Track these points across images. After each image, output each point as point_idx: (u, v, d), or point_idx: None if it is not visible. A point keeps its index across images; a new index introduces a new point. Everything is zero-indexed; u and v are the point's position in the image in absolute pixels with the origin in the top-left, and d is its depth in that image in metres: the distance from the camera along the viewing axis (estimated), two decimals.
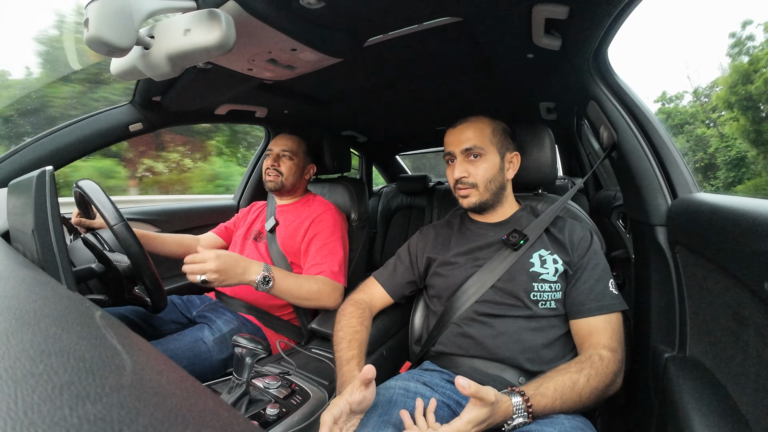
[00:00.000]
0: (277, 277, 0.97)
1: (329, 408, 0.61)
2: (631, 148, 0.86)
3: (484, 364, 0.79)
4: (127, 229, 0.84)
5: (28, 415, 0.16)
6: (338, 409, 0.60)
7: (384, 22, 0.83)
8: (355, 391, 0.61)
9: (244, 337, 0.72)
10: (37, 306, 0.33)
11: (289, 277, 1.01)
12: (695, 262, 0.70)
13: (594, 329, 0.76)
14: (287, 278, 1.00)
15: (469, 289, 0.84)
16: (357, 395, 0.61)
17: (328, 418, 0.59)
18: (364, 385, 0.61)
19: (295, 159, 1.30)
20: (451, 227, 0.98)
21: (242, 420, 0.21)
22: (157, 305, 0.92)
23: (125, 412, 0.17)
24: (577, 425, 0.65)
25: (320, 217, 1.24)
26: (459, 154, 0.89)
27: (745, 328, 0.55)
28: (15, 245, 0.75)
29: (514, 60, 1.03)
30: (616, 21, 0.74)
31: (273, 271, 0.97)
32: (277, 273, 0.98)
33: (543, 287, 0.80)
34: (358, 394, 0.61)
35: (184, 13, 0.64)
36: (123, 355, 0.24)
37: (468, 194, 0.89)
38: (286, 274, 1.01)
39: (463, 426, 0.58)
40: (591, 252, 0.83)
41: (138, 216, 1.49)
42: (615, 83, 0.90)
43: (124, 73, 0.74)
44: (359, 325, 0.84)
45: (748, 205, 0.56)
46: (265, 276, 0.94)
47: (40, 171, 0.60)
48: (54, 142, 1.12)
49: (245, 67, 0.93)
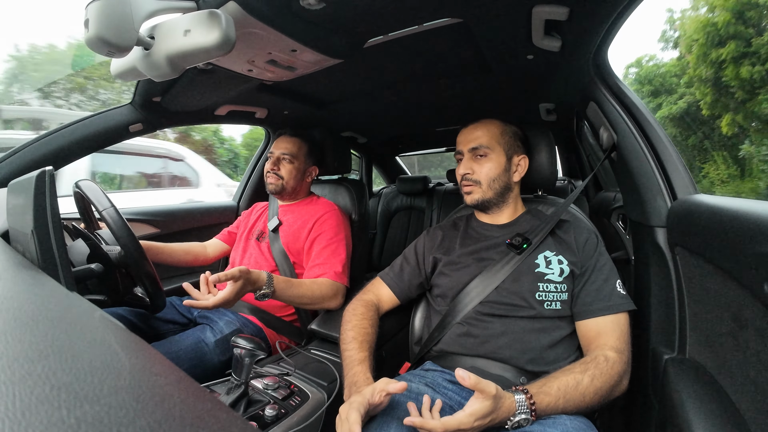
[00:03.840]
0: (279, 289, 0.96)
1: (353, 406, 0.60)
2: (630, 149, 0.86)
3: (485, 364, 0.79)
4: (117, 214, 0.85)
5: (26, 416, 0.16)
6: (363, 407, 0.61)
7: (384, 23, 0.83)
8: (376, 394, 0.63)
9: (243, 337, 0.72)
10: (36, 306, 0.33)
11: (292, 287, 1.00)
12: (695, 264, 0.70)
13: (602, 330, 0.76)
14: (290, 289, 0.99)
15: (474, 289, 0.84)
16: (376, 398, 0.62)
17: (354, 416, 0.59)
18: (386, 394, 0.62)
19: (296, 162, 1.30)
20: (458, 228, 0.99)
21: (240, 421, 0.21)
22: (156, 303, 0.92)
23: (123, 413, 0.17)
24: (579, 425, 0.65)
25: (324, 217, 1.24)
26: (466, 152, 0.92)
27: (744, 329, 0.55)
28: (14, 245, 0.75)
29: (514, 61, 1.03)
30: (616, 22, 0.74)
31: (275, 284, 0.95)
32: (279, 285, 0.96)
33: (548, 287, 0.80)
34: (377, 397, 0.62)
35: (184, 13, 0.64)
36: (121, 356, 0.24)
37: (471, 191, 0.92)
38: (289, 283, 1.00)
39: (466, 418, 0.58)
40: (598, 253, 0.83)
41: (138, 216, 1.49)
42: (615, 85, 0.91)
43: (124, 73, 0.74)
44: (370, 327, 0.87)
45: (748, 207, 0.56)
46: (264, 293, 0.93)
47: (39, 171, 0.60)
48: (54, 142, 1.12)
49: (245, 67, 0.93)
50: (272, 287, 0.95)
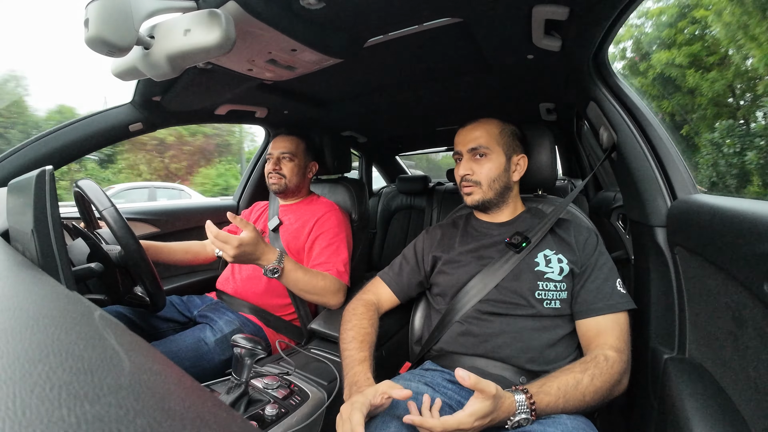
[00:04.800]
0: (287, 268, 0.97)
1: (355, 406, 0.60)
2: (630, 149, 0.86)
3: (485, 363, 0.79)
4: (117, 214, 0.85)
5: (26, 415, 0.16)
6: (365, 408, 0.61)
7: (384, 23, 0.83)
8: (378, 395, 0.63)
9: (243, 337, 0.72)
10: (36, 306, 0.33)
11: (299, 270, 1.01)
12: (695, 264, 0.70)
13: (602, 329, 0.76)
14: (297, 271, 1.00)
15: (474, 287, 0.84)
16: (378, 400, 0.62)
17: (358, 417, 0.59)
18: (387, 396, 0.62)
19: (296, 159, 1.30)
20: (457, 227, 0.99)
21: (240, 420, 0.21)
22: (156, 302, 0.92)
23: (123, 413, 0.17)
24: (579, 425, 0.65)
25: (325, 217, 1.24)
26: (465, 153, 0.92)
27: (744, 329, 0.55)
28: (14, 245, 0.75)
29: (514, 61, 1.03)
30: (616, 22, 0.74)
31: (285, 262, 0.97)
32: (288, 264, 0.98)
33: (548, 286, 0.80)
34: (379, 398, 0.62)
35: (184, 13, 0.64)
36: (121, 355, 0.24)
37: (471, 192, 0.91)
38: (297, 266, 1.01)
39: (466, 418, 0.58)
40: (598, 252, 0.83)
41: (138, 216, 1.49)
42: (615, 84, 0.90)
43: (124, 73, 0.73)
44: (370, 327, 0.87)
45: (748, 207, 0.56)
46: (273, 268, 0.95)
47: (39, 171, 0.60)
48: (54, 141, 1.12)
49: (245, 67, 0.93)
50: (282, 264, 0.96)
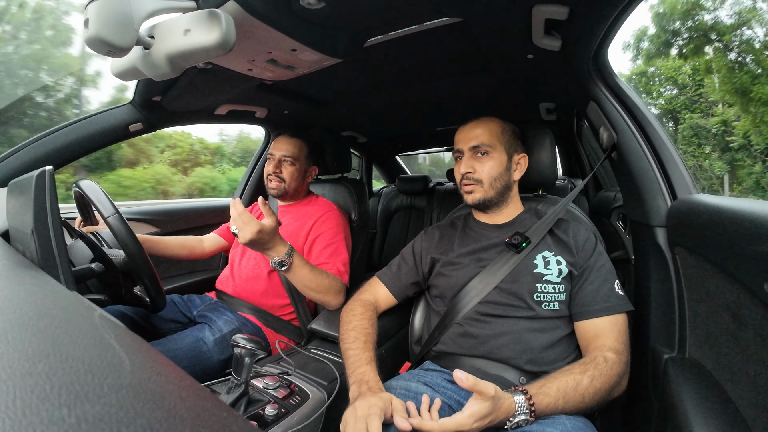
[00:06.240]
0: (295, 263, 0.98)
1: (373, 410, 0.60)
2: (630, 149, 0.86)
3: (485, 364, 0.79)
4: (122, 221, 0.85)
5: (26, 415, 0.16)
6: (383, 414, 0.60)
7: (384, 23, 0.83)
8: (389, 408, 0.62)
9: (243, 337, 0.72)
10: (36, 306, 0.33)
11: (306, 266, 1.01)
12: (695, 264, 0.70)
13: (600, 331, 0.76)
14: (305, 267, 1.01)
15: (473, 289, 0.84)
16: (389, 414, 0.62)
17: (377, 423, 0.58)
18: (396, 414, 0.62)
19: (297, 164, 1.29)
20: (456, 228, 0.98)
21: (240, 420, 0.21)
22: (156, 304, 0.92)
23: (123, 412, 0.17)
24: (579, 425, 0.65)
25: (324, 217, 1.24)
26: (467, 151, 0.91)
27: (744, 329, 0.55)
28: (14, 245, 0.75)
29: (514, 60, 1.03)
30: (616, 22, 0.74)
31: (294, 257, 0.97)
32: (297, 260, 0.98)
33: (547, 288, 0.80)
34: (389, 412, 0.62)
35: (184, 13, 0.64)
36: (122, 355, 0.24)
37: (472, 190, 0.90)
38: (305, 263, 1.01)
39: (465, 419, 0.58)
40: (596, 253, 0.83)
41: (138, 216, 1.49)
42: (615, 84, 0.90)
43: (124, 73, 0.73)
44: (370, 327, 0.87)
45: (748, 207, 0.56)
46: (282, 261, 0.95)
47: (39, 171, 0.60)
48: (54, 142, 1.12)
49: (245, 67, 0.93)
50: (291, 258, 0.96)
